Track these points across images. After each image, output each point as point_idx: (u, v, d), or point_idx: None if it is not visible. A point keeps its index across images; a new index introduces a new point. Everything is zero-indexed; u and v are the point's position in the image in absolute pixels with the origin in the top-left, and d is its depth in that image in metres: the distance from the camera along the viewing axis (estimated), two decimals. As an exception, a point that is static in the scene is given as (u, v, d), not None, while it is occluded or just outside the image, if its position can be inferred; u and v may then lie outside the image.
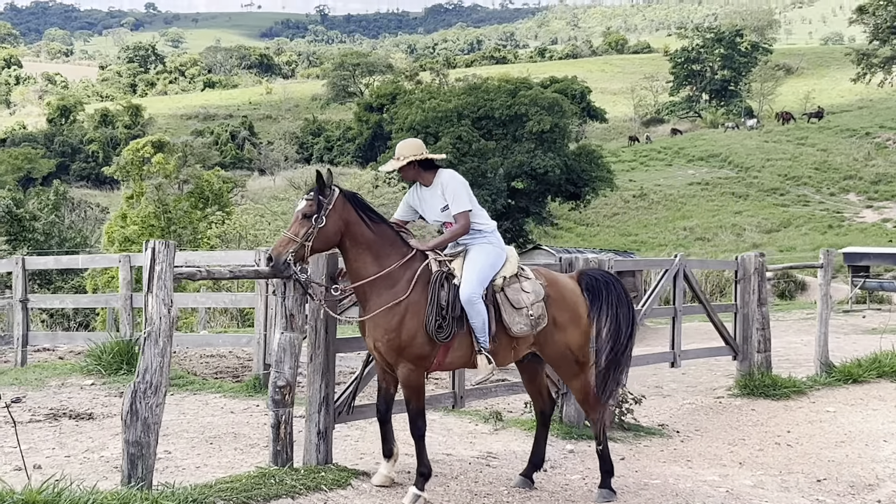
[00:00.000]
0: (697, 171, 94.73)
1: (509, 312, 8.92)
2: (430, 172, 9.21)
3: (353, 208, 8.75)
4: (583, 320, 9.40)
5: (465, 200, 9.02)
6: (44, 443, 10.72)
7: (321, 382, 9.11)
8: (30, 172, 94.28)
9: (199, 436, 11.07)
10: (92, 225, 66.17)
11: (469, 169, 63.78)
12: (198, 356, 18.65)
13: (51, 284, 47.79)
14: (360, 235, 8.72)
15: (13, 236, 53.66)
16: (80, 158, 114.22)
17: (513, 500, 9.07)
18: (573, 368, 9.43)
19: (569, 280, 9.69)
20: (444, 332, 8.65)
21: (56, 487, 6.80)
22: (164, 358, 7.69)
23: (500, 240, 9.28)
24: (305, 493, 8.28)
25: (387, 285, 8.68)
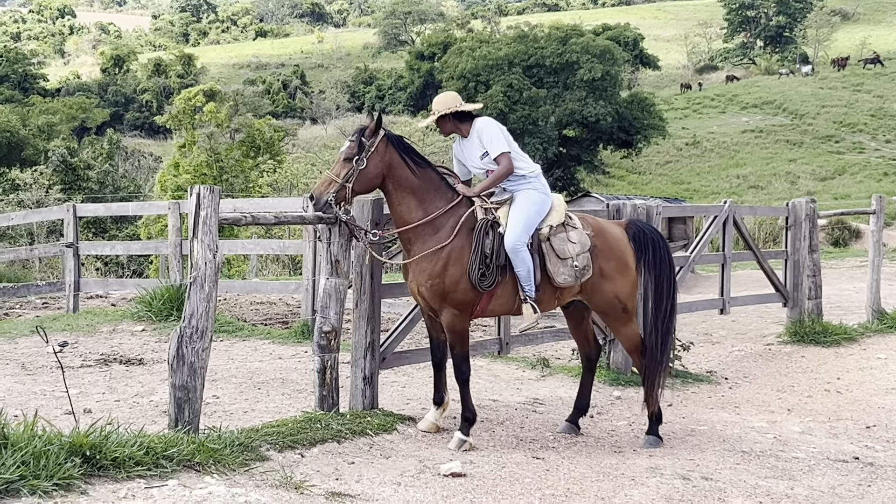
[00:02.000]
0: (751, 119, 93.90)
1: (554, 262, 8.89)
2: (467, 124, 9.15)
3: (397, 152, 8.72)
4: (630, 269, 9.35)
5: (503, 143, 8.96)
6: (94, 387, 10.84)
7: (367, 328, 9.15)
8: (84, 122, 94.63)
9: (247, 381, 11.16)
10: (145, 174, 66.53)
11: (520, 117, 63.63)
12: (248, 303, 18.78)
13: (105, 233, 48.19)
14: (404, 179, 8.70)
15: (68, 185, 54.16)
16: (134, 108, 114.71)
17: (558, 445, 9.09)
18: (620, 317, 9.40)
19: (616, 228, 9.62)
20: (488, 280, 8.66)
21: (104, 431, 6.85)
22: (210, 303, 7.71)
23: (545, 185, 9.21)
24: (351, 438, 8.33)
25: (431, 231, 8.70)
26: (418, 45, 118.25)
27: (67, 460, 6.37)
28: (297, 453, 7.75)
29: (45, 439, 6.46)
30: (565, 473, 8.06)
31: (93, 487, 6.22)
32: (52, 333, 14.33)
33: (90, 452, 6.54)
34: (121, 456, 6.61)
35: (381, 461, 7.99)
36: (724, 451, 9.08)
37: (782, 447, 9.38)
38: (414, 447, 8.51)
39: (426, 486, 7.40)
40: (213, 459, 7.05)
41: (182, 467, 6.83)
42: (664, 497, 7.56)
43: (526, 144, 65.90)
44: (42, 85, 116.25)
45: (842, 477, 8.44)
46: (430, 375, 11.02)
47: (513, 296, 8.91)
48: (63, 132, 75.97)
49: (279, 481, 6.89)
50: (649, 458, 8.68)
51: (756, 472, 8.40)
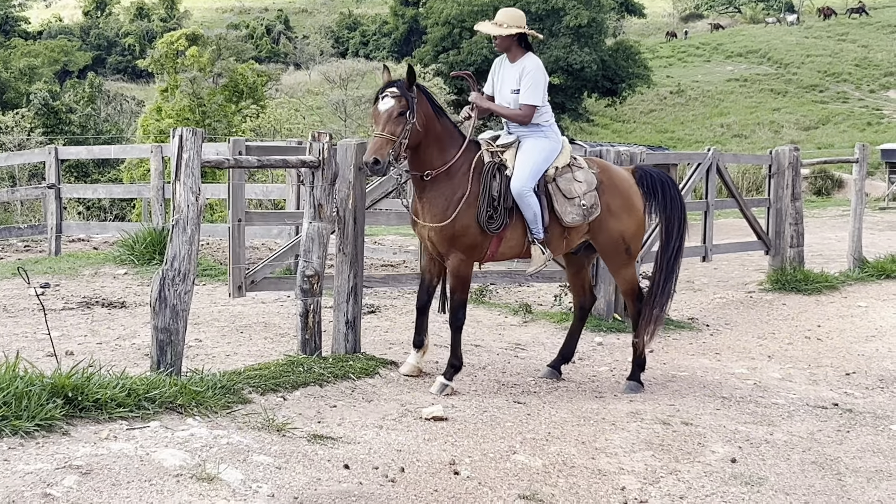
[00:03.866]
0: (736, 68, 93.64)
1: (561, 202, 8.94)
2: (521, 50, 9.17)
3: (429, 104, 8.81)
4: (637, 210, 9.37)
5: (538, 95, 8.98)
6: (76, 330, 10.85)
7: (350, 272, 9.16)
8: (66, 65, 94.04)
9: (230, 325, 11.17)
10: (128, 118, 66.13)
11: (504, 64, 63.32)
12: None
13: (88, 177, 47.97)
14: (433, 130, 8.77)
15: (50, 128, 53.86)
16: (116, 52, 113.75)
17: (540, 390, 9.13)
18: (623, 258, 9.41)
19: (623, 171, 9.64)
20: (496, 222, 8.74)
21: (85, 372, 6.86)
22: (193, 246, 7.70)
23: (557, 132, 9.24)
24: (333, 381, 8.36)
25: (445, 177, 8.79)
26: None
27: (49, 401, 6.38)
28: (279, 396, 7.77)
29: (26, 380, 6.47)
30: (546, 418, 8.11)
31: (74, 428, 6.24)
32: (33, 276, 14.25)
33: (72, 394, 6.56)
34: (103, 397, 6.63)
35: (364, 405, 8.02)
36: (704, 396, 9.14)
37: (762, 393, 9.44)
38: (396, 391, 8.54)
39: (408, 429, 7.44)
40: (195, 402, 7.07)
41: (164, 409, 6.85)
42: (644, 441, 7.62)
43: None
44: (24, 28, 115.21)
45: (821, 423, 8.50)
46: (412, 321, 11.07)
47: (522, 238, 8.99)
48: (45, 75, 75.56)
49: (261, 424, 6.92)
50: (630, 404, 8.73)
51: (736, 418, 8.46)
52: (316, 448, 6.61)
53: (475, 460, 6.86)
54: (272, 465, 6.09)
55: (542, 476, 6.72)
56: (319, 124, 45.41)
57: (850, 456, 7.66)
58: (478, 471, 6.65)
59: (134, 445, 6.06)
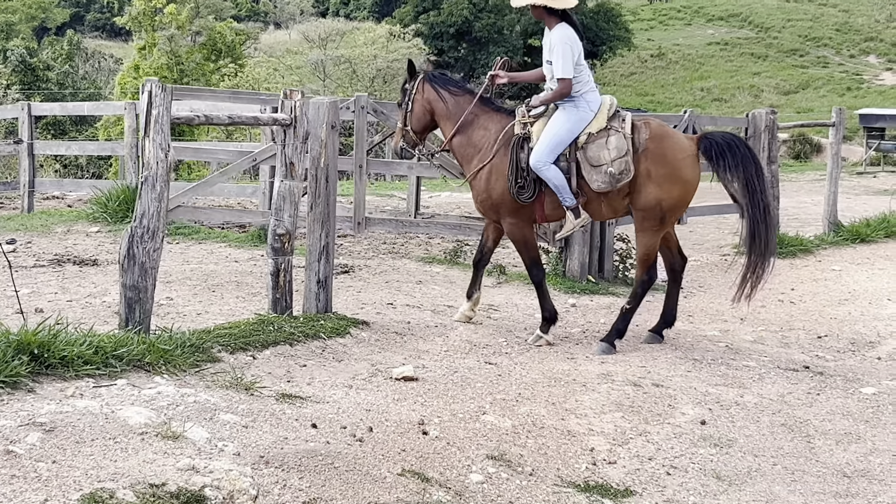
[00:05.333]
0: (717, 31, 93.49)
1: (587, 170, 9.18)
2: (553, 18, 9.34)
3: (433, 87, 9.68)
4: (685, 182, 9.31)
5: (567, 67, 9.14)
6: (47, 287, 10.78)
7: (321, 231, 9.11)
8: (44, 22, 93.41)
9: (202, 284, 11.11)
10: (106, 76, 65.75)
11: (485, 25, 63.36)
12: (206, 206, 18.66)
13: (65, 135, 47.71)
14: (441, 110, 9.68)
15: (27, 86, 53.47)
16: (95, 9, 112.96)
17: (511, 351, 9.11)
18: (654, 225, 9.36)
19: (682, 139, 9.58)
20: (526, 192, 9.29)
21: (52, 329, 6.81)
22: (162, 203, 7.63)
23: (590, 101, 9.33)
24: (304, 341, 8.32)
25: (473, 150, 9.55)
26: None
27: (15, 358, 6.31)
28: (248, 355, 7.73)
29: (-10, 337, 6.42)
30: (517, 379, 8.10)
31: (40, 385, 6.19)
32: (4, 233, 14.23)
33: (38, 351, 6.49)
34: (69, 355, 6.57)
35: (334, 364, 8.00)
36: (675, 359, 9.15)
37: (733, 356, 9.45)
38: (367, 351, 8.52)
39: (377, 389, 7.42)
40: (163, 360, 7.02)
41: (132, 367, 6.80)
42: (614, 402, 7.62)
43: (490, 53, 65.59)
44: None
45: (791, 385, 8.52)
46: (385, 282, 11.08)
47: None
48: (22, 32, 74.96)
49: (229, 382, 6.88)
50: (601, 365, 8.74)
51: (706, 380, 8.48)
52: (284, 407, 6.57)
53: (444, 420, 6.84)
54: (239, 424, 6.05)
55: (511, 437, 6.71)
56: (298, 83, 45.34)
57: (820, 419, 7.68)
58: (447, 431, 6.63)
59: (99, 403, 6.01)
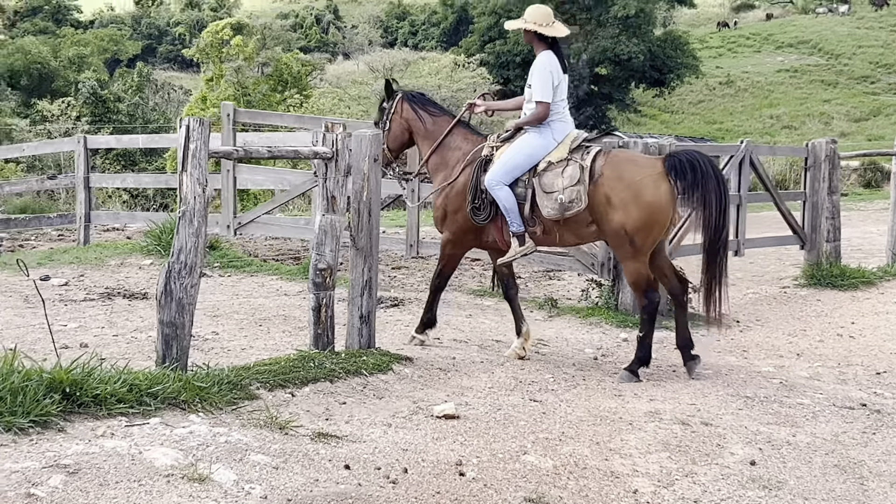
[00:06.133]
0: (786, 58, 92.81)
1: (540, 196, 9.22)
2: (542, 44, 9.51)
3: (412, 107, 9.93)
4: (646, 203, 9.10)
5: (541, 91, 9.31)
6: (94, 321, 10.75)
7: (364, 266, 8.96)
8: (116, 54, 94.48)
9: (249, 318, 11.03)
10: (175, 107, 66.39)
11: (551, 54, 63.15)
12: (263, 238, 18.65)
13: (135, 166, 48.16)
14: (419, 129, 9.89)
15: (98, 117, 54.16)
16: (167, 41, 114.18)
17: (558, 387, 8.91)
18: (626, 250, 9.23)
19: (641, 162, 9.46)
20: (482, 214, 9.46)
21: (86, 366, 6.73)
22: (199, 238, 7.56)
23: (555, 131, 9.43)
24: (344, 378, 8.18)
25: (443, 168, 9.76)
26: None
27: (46, 396, 6.25)
28: (287, 392, 7.61)
29: (23, 375, 6.34)
30: (561, 417, 7.91)
31: (71, 424, 6.11)
32: (59, 266, 14.27)
33: (70, 389, 6.42)
34: (102, 393, 6.49)
35: (374, 401, 7.85)
36: (727, 396, 8.90)
37: (787, 393, 9.19)
38: (409, 388, 8.36)
39: (417, 427, 7.26)
40: (199, 397, 6.93)
41: (167, 405, 6.71)
42: (661, 442, 7.40)
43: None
44: (76, 17, 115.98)
45: (846, 424, 8.25)
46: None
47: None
48: (94, 64, 75.83)
49: (264, 421, 6.76)
50: (650, 403, 8.51)
51: (758, 418, 8.22)
52: (318, 447, 6.44)
53: (483, 461, 6.67)
54: (269, 465, 5.93)
55: (552, 478, 6.53)
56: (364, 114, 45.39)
57: (875, 459, 7.40)
58: (485, 472, 6.46)
59: (128, 443, 5.92)
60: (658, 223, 9.21)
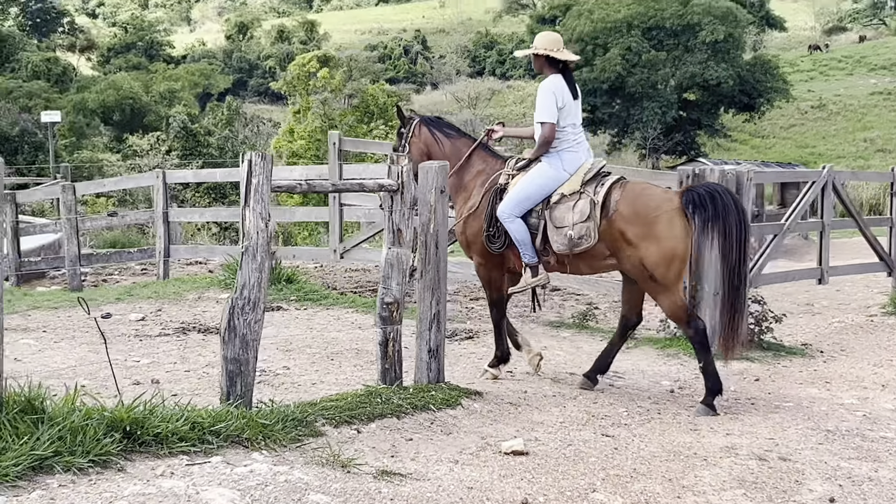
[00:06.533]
0: (880, 81, 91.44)
1: (551, 230, 9.26)
2: (552, 69, 9.48)
3: (430, 131, 9.99)
4: (662, 238, 9.01)
5: (543, 112, 9.35)
6: (167, 357, 10.74)
7: (432, 299, 8.83)
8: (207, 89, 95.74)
9: (322, 352, 10.96)
10: (264, 139, 67.00)
11: (638, 80, 62.93)
12: (343, 270, 18.64)
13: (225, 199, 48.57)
14: (437, 153, 9.85)
15: (188, 151, 54.78)
16: (257, 74, 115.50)
17: (631, 422, 8.70)
18: (650, 285, 9.20)
19: (657, 196, 9.29)
20: (496, 242, 9.53)
21: (148, 405, 6.68)
22: (262, 273, 7.49)
23: (566, 160, 9.41)
24: (412, 413, 8.05)
25: (465, 195, 9.83)
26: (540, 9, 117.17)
27: (107, 435, 6.20)
28: (353, 429, 7.50)
29: (84, 413, 6.31)
30: (634, 452, 7.71)
31: (131, 464, 6.06)
32: (137, 301, 14.34)
33: (131, 427, 6.37)
34: (164, 431, 6.43)
35: (441, 438, 7.71)
36: (807, 429, 8.64)
37: (871, 426, 8.90)
38: (478, 423, 8.21)
39: (484, 464, 7.11)
40: (262, 435, 6.84)
41: (230, 443, 6.63)
42: (736, 479, 7.18)
43: (644, 109, 65.08)
44: (168, 52, 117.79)
45: (932, 459, 7.96)
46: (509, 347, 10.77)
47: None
48: (185, 99, 76.88)
49: (326, 459, 6.65)
50: (726, 437, 8.28)
51: (839, 453, 7.96)
52: (381, 485, 6.32)
53: (550, 499, 6.51)
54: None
55: (620, 517, 6.36)
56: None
57: (961, 496, 7.13)
58: (550, 511, 6.30)
59: (186, 483, 5.84)
60: (677, 257, 9.12)
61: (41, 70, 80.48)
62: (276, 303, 13.55)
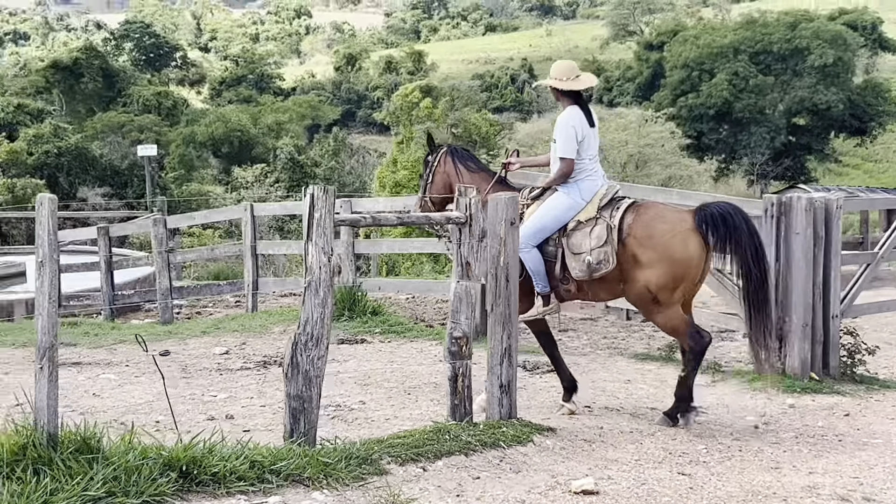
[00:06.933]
0: None
1: (569, 257, 9.20)
2: (567, 99, 9.50)
3: (453, 162, 10.02)
4: (674, 260, 9.00)
5: (563, 147, 9.35)
6: (244, 391, 10.66)
7: (503, 333, 8.62)
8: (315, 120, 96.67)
9: (399, 386, 10.79)
10: (370, 170, 67.38)
11: (746, 105, 62.39)
12: (434, 301, 18.52)
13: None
14: (456, 184, 9.54)
15: (295, 182, 55.23)
16: (366, 105, 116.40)
17: (710, 459, 8.41)
18: (649, 307, 9.23)
19: (671, 217, 9.25)
20: None
21: (207, 443, 6.61)
22: (326, 309, 7.39)
23: (583, 189, 9.37)
24: (480, 450, 7.85)
25: None
26: (647, 36, 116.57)
27: (162, 475, 6.14)
28: (419, 467, 7.34)
29: (140, 452, 6.25)
30: (710, 492, 7.43)
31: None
32: (222, 334, 14.33)
33: (188, 467, 6.30)
34: (221, 470, 6.35)
35: (510, 476, 7.51)
36: (895, 468, 8.28)
37: (965, 466, 8.52)
38: (549, 461, 7.99)
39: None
40: (324, 474, 6.72)
41: (290, 482, 6.54)
42: (815, 521, 6.90)
43: (752, 134, 64.35)
44: (278, 84, 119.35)
45: None
46: (591, 381, 10.58)
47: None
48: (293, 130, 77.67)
49: (387, 498, 6.51)
50: (808, 476, 7.96)
51: (927, 494, 7.61)
52: (442, 527, 6.17)
53: (616, 541, 6.29)
54: (381, 549, 5.68)
55: (688, 561, 6.11)
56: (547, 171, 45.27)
57: None
58: (616, 554, 6.08)
59: (241, 524, 5.75)
60: (688, 278, 9.12)
61: (152, 104, 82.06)
62: (360, 335, 13.44)
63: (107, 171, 55.81)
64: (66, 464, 6.10)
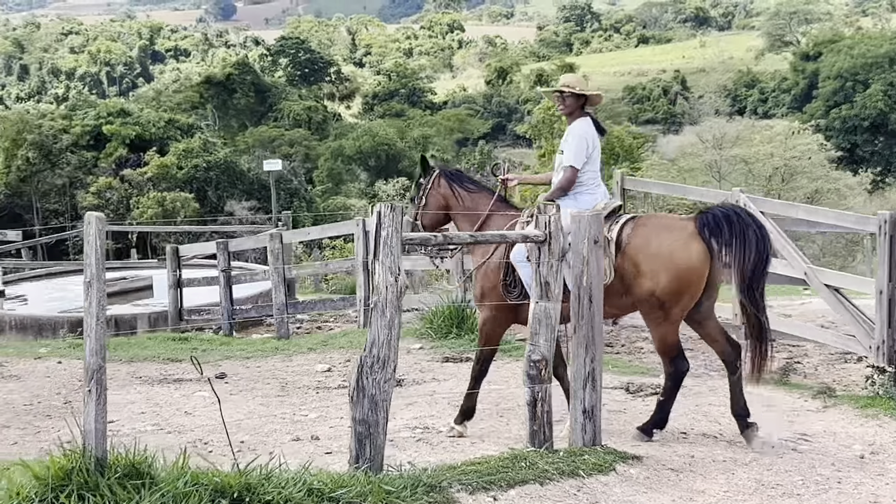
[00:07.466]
0: None
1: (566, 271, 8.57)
2: (579, 112, 9.54)
3: (448, 184, 9.88)
4: (678, 266, 8.85)
5: (574, 156, 9.29)
6: (336, 411, 10.45)
7: (586, 356, 8.28)
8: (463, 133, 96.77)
9: (493, 407, 10.46)
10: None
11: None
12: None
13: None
14: (455, 207, 9.84)
15: (441, 195, 55.32)
16: (516, 118, 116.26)
17: (805, 492, 7.93)
18: (656, 315, 9.04)
19: (670, 225, 9.15)
20: (514, 291, 9.19)
21: (265, 468, 6.42)
22: (392, 330, 7.16)
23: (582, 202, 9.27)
24: (557, 479, 7.51)
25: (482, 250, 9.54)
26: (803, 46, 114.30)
27: (214, 502, 5.98)
28: (490, 496, 7.06)
29: (192, 478, 6.10)
30: (797, 528, 7.01)
31: (234, 533, 5.81)
32: (329, 350, 14.19)
33: (240, 493, 6.13)
34: (276, 498, 6.16)
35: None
36: None
37: None
38: (630, 491, 7.61)
39: (626, 538, 6.57)
40: (386, 502, 6.48)
41: (348, 512, 6.31)
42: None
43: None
44: (429, 98, 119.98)
45: None
46: (695, 405, 10.20)
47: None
48: (440, 144, 77.89)
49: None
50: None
51: None
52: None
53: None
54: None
55: None
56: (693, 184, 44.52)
57: None
58: None
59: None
60: (692, 285, 8.93)
61: (302, 118, 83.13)
62: (465, 354, 13.13)
63: (254, 185, 56.63)
64: (112, 490, 5.99)
